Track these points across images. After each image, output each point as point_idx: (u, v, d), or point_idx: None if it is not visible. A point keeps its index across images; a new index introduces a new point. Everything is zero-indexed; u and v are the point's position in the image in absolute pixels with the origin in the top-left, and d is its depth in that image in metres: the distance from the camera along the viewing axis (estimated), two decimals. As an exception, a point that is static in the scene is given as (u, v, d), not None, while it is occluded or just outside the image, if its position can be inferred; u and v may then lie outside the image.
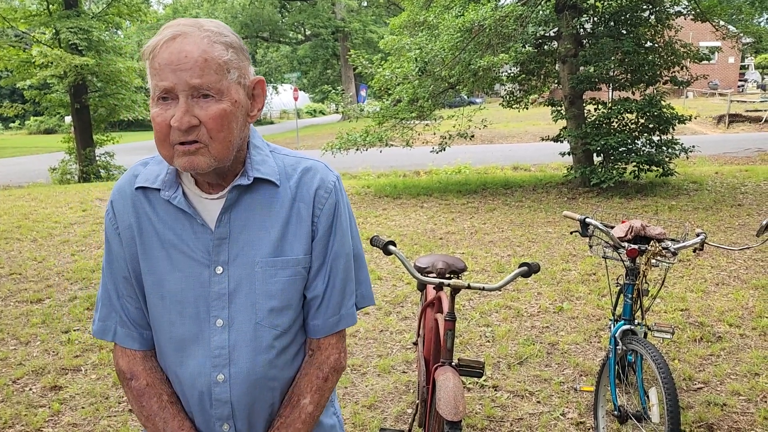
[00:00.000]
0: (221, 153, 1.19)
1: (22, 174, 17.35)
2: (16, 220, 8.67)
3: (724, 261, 5.92)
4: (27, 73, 15.53)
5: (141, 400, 1.31)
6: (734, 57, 32.56)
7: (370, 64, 11.25)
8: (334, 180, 1.35)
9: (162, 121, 1.17)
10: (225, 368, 1.27)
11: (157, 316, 1.31)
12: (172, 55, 1.14)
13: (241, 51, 1.22)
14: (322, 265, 1.33)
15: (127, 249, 1.31)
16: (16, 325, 4.82)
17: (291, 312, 1.31)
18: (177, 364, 1.30)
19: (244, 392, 1.28)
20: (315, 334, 1.36)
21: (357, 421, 3.34)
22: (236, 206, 1.28)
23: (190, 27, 1.17)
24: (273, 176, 1.29)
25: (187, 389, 1.30)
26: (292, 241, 1.29)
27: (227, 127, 1.19)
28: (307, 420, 1.32)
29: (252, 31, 36.79)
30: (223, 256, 1.27)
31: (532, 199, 9.53)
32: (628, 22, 9.87)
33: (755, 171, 11.02)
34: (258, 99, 1.28)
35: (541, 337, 4.37)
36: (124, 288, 1.34)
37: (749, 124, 21.32)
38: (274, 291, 1.28)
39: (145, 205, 1.30)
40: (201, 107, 1.16)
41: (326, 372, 1.35)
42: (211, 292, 1.27)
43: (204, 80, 1.15)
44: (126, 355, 1.35)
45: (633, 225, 2.93)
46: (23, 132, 43.42)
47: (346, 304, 1.38)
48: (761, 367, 3.79)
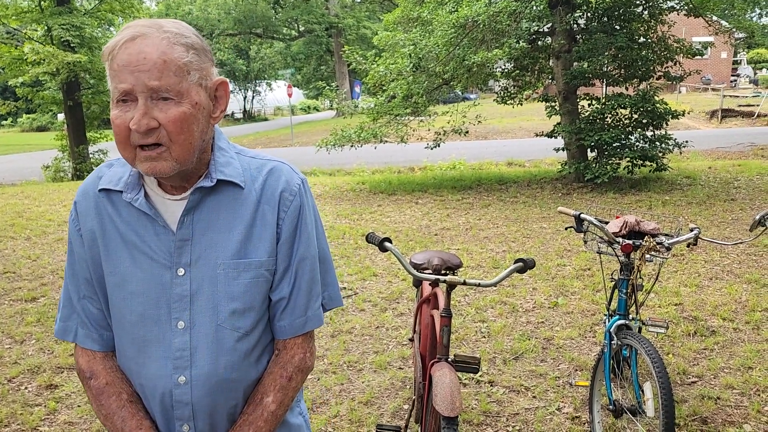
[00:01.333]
0: (182, 156, 1.19)
1: (15, 172, 17.25)
2: (10, 219, 8.64)
3: (718, 255, 5.95)
4: (19, 71, 15.43)
5: (100, 399, 1.31)
6: (727, 52, 32.64)
7: (364, 60, 11.23)
8: (299, 182, 1.34)
9: (121, 123, 1.16)
10: (186, 370, 1.27)
11: (119, 317, 1.30)
12: (131, 56, 1.13)
13: (203, 52, 1.21)
14: (287, 268, 1.33)
15: (88, 251, 1.31)
16: (10, 324, 4.80)
17: (253, 314, 1.31)
18: (139, 365, 1.30)
19: (205, 394, 1.28)
20: (281, 335, 1.36)
21: (353, 418, 3.35)
22: (199, 208, 1.28)
23: (149, 28, 1.16)
24: (237, 178, 1.29)
25: (148, 390, 1.30)
26: (256, 243, 1.29)
27: (187, 130, 1.18)
28: (269, 418, 1.32)
29: (245, 27, 36.64)
30: (185, 258, 1.26)
31: (527, 195, 9.55)
32: (621, 17, 9.89)
33: (748, 166, 11.07)
34: (221, 100, 1.27)
35: (536, 333, 4.39)
36: (86, 289, 1.34)
37: (742, 119, 21.40)
38: (237, 293, 1.27)
39: (108, 207, 1.30)
40: (160, 109, 1.15)
41: (290, 371, 1.35)
42: (172, 293, 1.26)
43: (163, 82, 1.14)
44: (86, 354, 1.35)
45: (627, 220, 2.94)
46: (16, 129, 43.17)
47: (312, 306, 1.38)
48: (754, 361, 3.81)
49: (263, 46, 44.47)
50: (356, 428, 3.26)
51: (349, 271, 5.92)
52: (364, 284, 5.56)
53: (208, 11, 35.98)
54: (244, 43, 42.41)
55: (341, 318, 4.77)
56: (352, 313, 4.87)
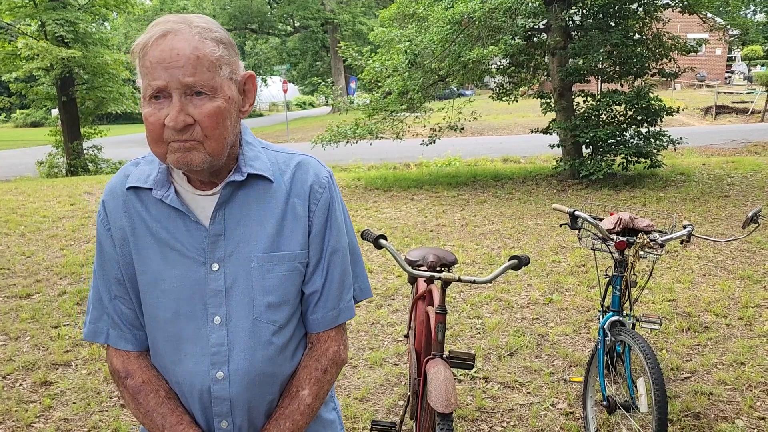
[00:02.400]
0: (216, 150, 1.19)
1: (8, 168, 17.17)
2: (4, 215, 8.60)
3: (711, 252, 5.98)
4: (13, 66, 15.34)
5: (138, 398, 1.31)
6: (721, 49, 32.73)
7: (360, 56, 11.21)
8: (327, 175, 1.35)
9: (155, 121, 1.16)
10: (224, 365, 1.27)
11: (153, 316, 1.30)
12: (164, 53, 1.13)
13: (230, 46, 1.22)
14: (319, 261, 1.34)
15: (119, 250, 1.30)
16: (5, 321, 4.79)
17: (288, 307, 1.31)
18: (174, 362, 1.29)
19: (243, 389, 1.28)
20: (315, 329, 1.37)
21: (349, 414, 3.36)
22: (230, 202, 1.28)
23: (179, 24, 1.16)
24: (266, 172, 1.29)
25: (185, 387, 1.30)
26: (288, 237, 1.29)
27: (222, 125, 1.19)
28: (305, 411, 1.32)
29: (240, 23, 36.52)
30: (218, 253, 1.26)
31: (522, 191, 9.57)
32: (616, 14, 9.90)
33: (742, 162, 11.12)
34: (249, 94, 1.28)
35: (531, 329, 4.41)
36: (117, 289, 1.33)
37: (736, 116, 21.47)
38: (271, 286, 1.28)
39: (137, 205, 1.29)
40: (195, 105, 1.16)
41: (325, 364, 1.36)
42: (207, 289, 1.26)
43: (197, 78, 1.14)
44: (120, 355, 1.34)
45: (621, 217, 2.96)
46: (9, 125, 42.97)
47: (345, 298, 1.38)
48: (747, 357, 3.84)
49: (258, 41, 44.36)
50: (351, 424, 3.27)
51: (345, 268, 5.92)
52: (360, 281, 5.57)
53: (203, 6, 35.80)
54: (239, 38, 42.26)
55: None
56: (347, 310, 4.88)
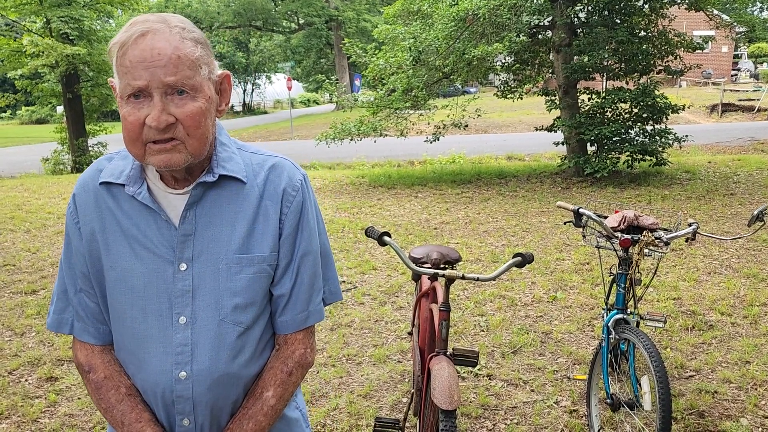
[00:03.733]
0: (197, 149, 1.20)
1: (14, 165, 17.23)
2: (9, 211, 8.64)
3: (716, 250, 5.96)
4: (18, 63, 15.38)
5: (99, 393, 1.32)
6: (727, 46, 32.57)
7: (364, 53, 11.21)
8: (300, 178, 1.35)
9: (135, 121, 1.16)
10: (187, 365, 1.27)
11: (120, 312, 1.30)
12: (144, 52, 1.13)
13: (207, 46, 1.23)
14: (289, 263, 1.33)
15: (86, 245, 1.30)
16: (10, 317, 4.82)
17: (255, 308, 1.31)
18: (139, 359, 1.29)
19: (206, 389, 1.28)
20: (283, 330, 1.37)
21: (353, 411, 3.37)
22: (201, 202, 1.27)
23: (158, 23, 1.16)
24: (239, 173, 1.29)
25: (148, 385, 1.30)
26: (258, 239, 1.29)
27: (204, 124, 1.19)
28: (269, 413, 1.32)
29: (245, 19, 36.51)
30: (187, 253, 1.26)
31: (526, 189, 9.55)
32: (622, 11, 9.87)
33: (748, 160, 11.07)
34: (225, 94, 1.28)
35: (535, 327, 4.41)
36: (82, 283, 1.33)
37: (742, 114, 21.37)
38: (239, 288, 1.28)
39: (109, 201, 1.29)
40: (176, 105, 1.16)
41: (291, 366, 1.36)
42: (174, 288, 1.26)
43: (179, 77, 1.14)
44: (84, 348, 1.35)
45: (626, 215, 2.95)
46: (15, 122, 43.08)
47: (314, 301, 1.38)
48: (752, 355, 3.83)
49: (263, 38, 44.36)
50: (355, 421, 3.28)
51: (349, 265, 5.93)
52: (364, 278, 5.57)
53: (207, 4, 35.85)
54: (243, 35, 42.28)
55: (340, 311, 4.78)
56: (351, 307, 4.89)
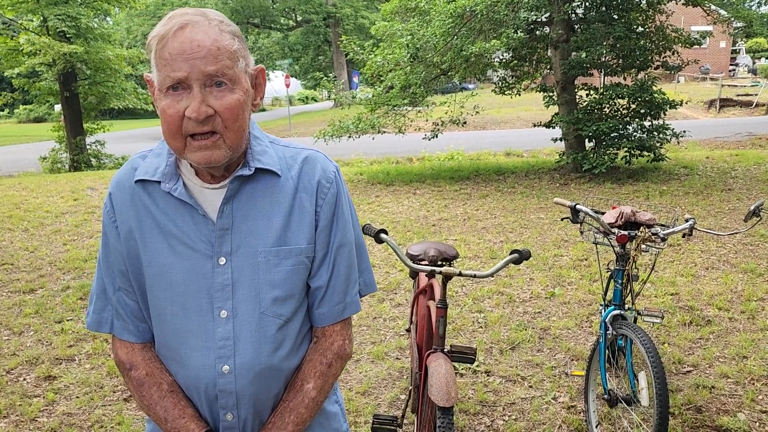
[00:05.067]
0: (235, 143, 1.21)
1: (12, 163, 17.20)
2: (7, 210, 8.62)
3: (714, 245, 5.97)
4: (15, 61, 15.34)
5: (141, 390, 1.32)
6: (725, 41, 32.54)
7: (362, 50, 11.19)
8: (334, 170, 1.36)
9: (174, 113, 1.16)
10: (230, 359, 1.27)
11: (159, 309, 1.30)
12: (184, 44, 1.14)
13: (243, 40, 1.24)
14: (326, 255, 1.34)
15: (124, 243, 1.31)
16: (8, 316, 4.81)
17: (294, 301, 1.32)
18: (180, 355, 1.30)
19: (249, 382, 1.29)
20: (321, 323, 1.38)
21: (351, 408, 3.37)
22: (238, 196, 1.28)
23: (197, 16, 1.18)
24: (274, 166, 1.30)
25: (190, 380, 1.30)
26: (295, 231, 1.30)
27: (241, 117, 1.20)
28: (310, 405, 1.33)
29: (243, 17, 36.43)
30: (225, 247, 1.27)
31: (525, 185, 9.55)
32: (619, 7, 9.86)
33: (745, 156, 11.07)
34: (260, 88, 1.29)
35: (533, 323, 4.41)
36: (121, 282, 1.33)
37: (740, 109, 21.39)
38: (278, 280, 1.28)
39: (145, 198, 1.29)
40: (215, 97, 1.17)
41: (330, 358, 1.37)
42: (214, 283, 1.27)
43: (219, 66, 1.15)
44: (125, 346, 1.35)
45: (623, 211, 2.95)
46: (12, 121, 42.99)
47: (350, 292, 1.39)
48: (749, 350, 3.84)
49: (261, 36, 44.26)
50: (353, 418, 3.28)
51: (347, 262, 5.92)
52: (362, 275, 5.57)
53: (204, 1, 35.76)
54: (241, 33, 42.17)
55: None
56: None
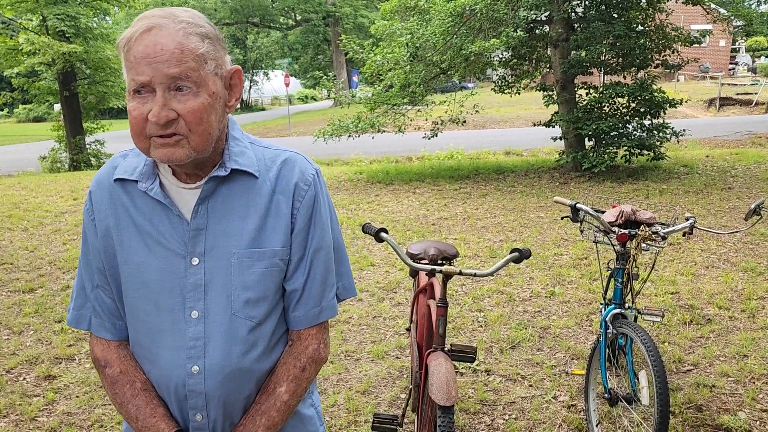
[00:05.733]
0: (200, 145, 1.20)
1: (11, 163, 17.20)
2: (7, 210, 8.62)
3: (714, 244, 5.96)
4: (14, 61, 15.34)
5: (114, 388, 1.33)
6: (725, 40, 32.55)
7: (362, 49, 11.18)
8: (313, 173, 1.35)
9: (139, 115, 1.16)
10: (200, 360, 1.27)
11: (133, 307, 1.31)
12: (148, 47, 1.13)
13: (217, 41, 1.22)
14: (301, 258, 1.34)
15: (102, 241, 1.32)
16: (8, 315, 4.81)
17: (267, 304, 1.31)
18: (153, 354, 1.31)
19: (218, 384, 1.29)
20: (296, 326, 1.37)
21: (351, 407, 3.37)
22: (213, 197, 1.28)
23: (164, 18, 1.16)
24: (251, 168, 1.29)
25: (161, 379, 1.31)
26: (270, 233, 1.29)
27: (206, 120, 1.19)
28: (282, 408, 1.32)
29: (242, 16, 36.43)
30: (199, 247, 1.27)
31: (525, 184, 9.55)
32: (619, 5, 9.85)
33: (745, 154, 11.07)
34: (235, 89, 1.28)
35: (533, 322, 4.41)
36: (99, 279, 1.35)
37: (740, 107, 21.38)
38: (250, 282, 1.28)
39: (123, 197, 1.30)
40: (179, 100, 1.16)
41: (304, 362, 1.36)
42: (186, 283, 1.27)
43: (182, 68, 1.14)
44: (101, 343, 1.37)
45: (623, 210, 2.95)
46: (12, 120, 42.99)
47: (327, 296, 1.38)
48: (749, 349, 3.84)
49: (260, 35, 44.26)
50: (353, 417, 3.28)
51: (347, 261, 5.92)
52: (362, 274, 5.57)
53: (204, 0, 35.74)
54: (240, 32, 42.17)
55: (339, 308, 4.77)
56: (349, 303, 4.89)
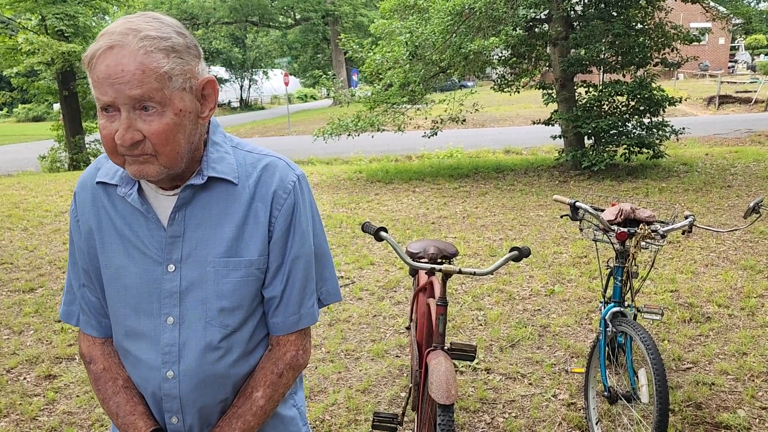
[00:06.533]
0: (170, 163, 1.18)
1: (11, 162, 17.19)
2: (7, 210, 8.62)
3: (714, 242, 5.97)
4: (14, 61, 15.36)
5: (98, 384, 1.35)
6: (724, 38, 32.54)
7: (361, 48, 11.18)
8: (294, 180, 1.32)
9: (108, 134, 1.15)
10: (174, 365, 1.28)
11: (114, 309, 1.33)
12: (109, 68, 1.11)
13: (186, 52, 1.17)
14: (280, 266, 1.32)
15: (85, 242, 1.33)
16: (8, 315, 4.81)
17: (242, 312, 1.30)
18: (132, 356, 1.33)
19: (192, 388, 1.29)
20: (275, 332, 1.37)
21: (351, 406, 3.38)
22: (191, 204, 1.27)
23: (125, 36, 1.12)
24: (230, 175, 1.27)
25: (140, 381, 1.33)
26: (247, 242, 1.28)
27: (173, 140, 1.16)
28: (258, 413, 1.32)
29: (241, 15, 36.38)
30: (175, 254, 1.26)
31: (524, 183, 9.55)
32: (618, 3, 9.85)
33: (745, 152, 11.08)
34: (209, 99, 1.24)
35: (532, 320, 4.41)
36: (84, 278, 1.37)
37: (739, 105, 21.38)
38: (226, 291, 1.27)
39: (104, 200, 1.30)
40: (144, 121, 1.13)
41: (281, 368, 1.35)
42: (162, 289, 1.27)
43: (144, 90, 1.11)
44: (87, 339, 1.40)
45: (623, 208, 2.95)
46: (11, 120, 42.98)
47: (306, 304, 1.37)
48: (749, 347, 3.84)
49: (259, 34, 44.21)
50: (354, 416, 3.29)
51: (347, 260, 5.93)
52: (362, 273, 5.58)
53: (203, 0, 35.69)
54: (240, 31, 42.13)
55: (339, 307, 4.79)
56: (349, 302, 4.89)
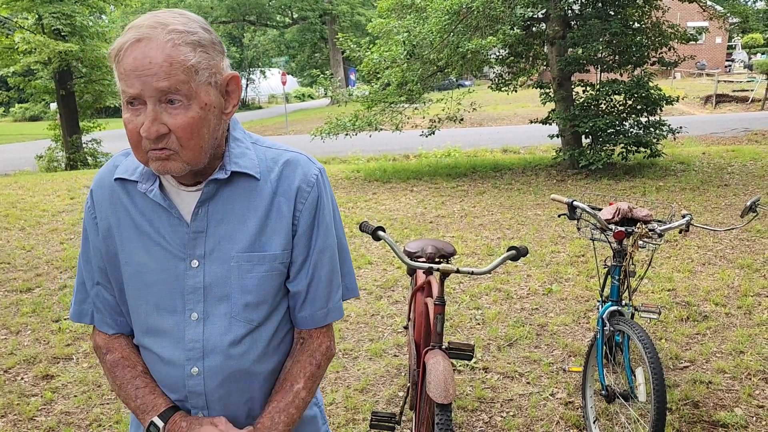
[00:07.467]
0: (193, 159, 1.18)
1: (8, 162, 17.15)
2: (4, 209, 8.60)
3: (711, 241, 5.98)
4: (10, 60, 15.31)
5: (115, 371, 1.34)
6: (721, 37, 32.59)
7: (358, 47, 11.18)
8: (316, 173, 1.33)
9: (133, 128, 1.15)
10: (199, 361, 1.27)
11: (135, 307, 1.32)
12: (137, 60, 1.11)
13: (211, 47, 1.18)
14: (305, 260, 1.32)
15: (103, 240, 1.31)
16: (6, 315, 4.80)
17: (266, 307, 1.31)
18: (155, 353, 1.31)
19: (218, 385, 1.29)
20: (303, 326, 1.37)
21: (349, 405, 3.38)
22: (214, 199, 1.27)
23: (153, 29, 1.13)
24: (252, 170, 1.27)
25: (163, 378, 1.32)
26: (270, 236, 1.28)
27: (197, 134, 1.16)
28: (300, 405, 1.33)
29: (239, 14, 36.34)
30: (198, 250, 1.26)
31: (522, 182, 9.56)
32: (615, 3, 9.86)
33: (742, 151, 11.10)
34: (233, 95, 1.25)
35: (530, 319, 4.42)
36: (99, 277, 1.35)
37: (736, 104, 21.42)
38: (250, 286, 1.27)
39: (123, 197, 1.29)
40: (170, 114, 1.14)
41: (319, 359, 1.36)
42: (186, 285, 1.27)
43: (171, 82, 1.12)
44: (103, 334, 1.38)
45: (620, 207, 2.95)
46: (8, 119, 42.89)
47: (334, 298, 1.38)
48: (746, 345, 3.85)
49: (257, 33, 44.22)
50: (351, 415, 3.29)
51: (345, 260, 5.92)
52: (360, 272, 5.58)
53: (200, -1, 35.66)
54: (237, 30, 42.13)
55: (336, 306, 4.79)
56: (347, 302, 4.89)
